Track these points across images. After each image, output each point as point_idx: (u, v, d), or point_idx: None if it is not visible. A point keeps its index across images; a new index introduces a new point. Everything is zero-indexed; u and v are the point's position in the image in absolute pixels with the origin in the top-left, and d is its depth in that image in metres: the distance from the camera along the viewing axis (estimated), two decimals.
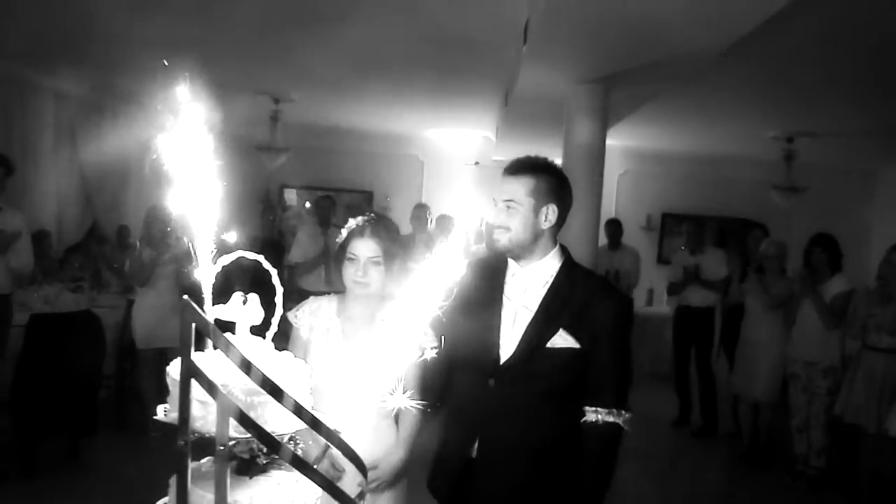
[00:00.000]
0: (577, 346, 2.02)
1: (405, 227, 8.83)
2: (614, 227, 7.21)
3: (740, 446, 5.65)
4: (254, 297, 1.36)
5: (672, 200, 9.83)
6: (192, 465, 1.35)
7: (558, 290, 2.08)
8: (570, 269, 2.13)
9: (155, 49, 5.67)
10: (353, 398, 2.07)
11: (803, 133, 7.25)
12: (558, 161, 8.71)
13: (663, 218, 9.96)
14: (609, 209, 8.65)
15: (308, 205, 9.55)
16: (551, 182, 2.12)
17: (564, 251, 2.17)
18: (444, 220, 6.90)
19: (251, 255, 1.32)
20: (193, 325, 1.14)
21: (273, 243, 6.50)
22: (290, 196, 9.87)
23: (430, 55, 5.43)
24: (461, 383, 2.18)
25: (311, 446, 1.47)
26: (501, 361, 2.06)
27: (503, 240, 2.08)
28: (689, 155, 9.17)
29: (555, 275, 2.11)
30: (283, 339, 2.03)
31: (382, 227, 2.17)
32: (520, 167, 2.11)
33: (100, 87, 7.69)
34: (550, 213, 2.11)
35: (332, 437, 1.25)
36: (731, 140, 8.12)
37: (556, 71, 5.12)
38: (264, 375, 1.13)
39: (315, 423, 1.21)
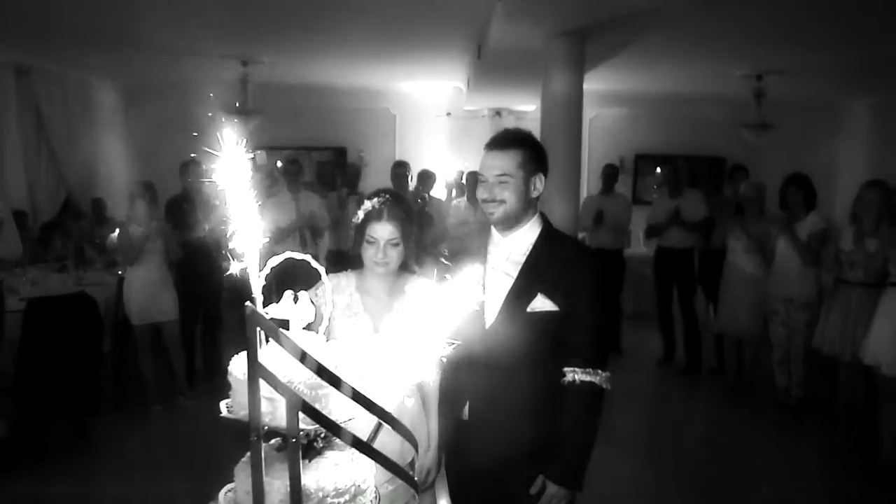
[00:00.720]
0: (555, 308, 2.12)
1: (382, 184, 8.91)
2: (611, 171, 7.24)
3: (724, 382, 5.90)
4: (304, 296, 1.43)
5: (644, 142, 9.95)
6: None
7: (537, 257, 2.18)
8: (548, 235, 2.22)
9: (117, 15, 5.57)
10: (380, 371, 2.18)
11: (772, 70, 7.34)
12: (536, 109, 8.77)
13: (636, 159, 10.09)
14: (581, 153, 8.72)
15: (280, 164, 9.49)
16: (536, 153, 2.20)
17: (543, 218, 2.26)
18: (425, 177, 6.91)
19: (299, 256, 1.38)
20: (259, 329, 1.22)
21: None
22: (261, 156, 9.75)
23: (398, 7, 5.37)
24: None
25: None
26: (486, 327, 2.16)
27: (498, 212, 2.15)
28: (660, 96, 9.22)
29: (534, 241, 2.20)
30: None
31: (398, 208, 2.22)
32: (507, 141, 2.17)
33: (62, 60, 7.49)
34: (538, 183, 2.19)
35: (385, 416, 1.34)
36: (701, 80, 8.18)
37: (531, 24, 5.13)
38: (327, 370, 1.21)
39: (370, 406, 1.30)
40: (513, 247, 2.20)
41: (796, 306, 5.02)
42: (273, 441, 1.44)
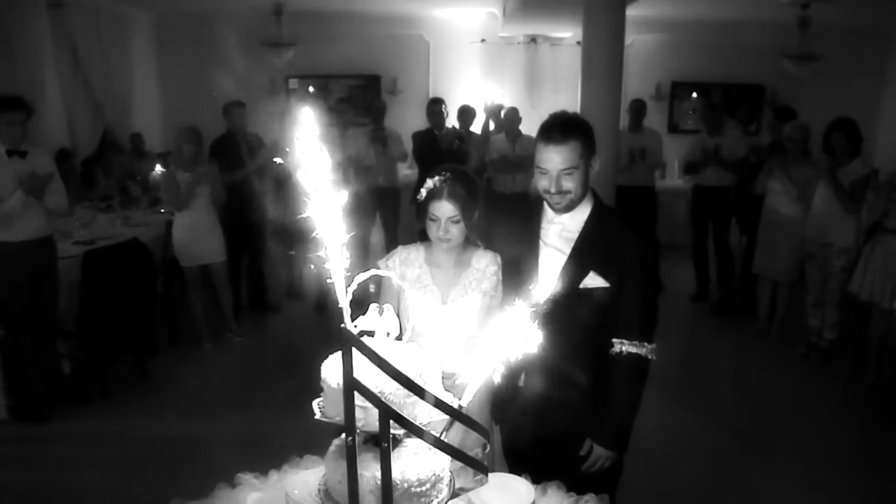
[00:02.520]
0: (607, 285, 2.21)
1: (416, 115, 8.87)
2: (639, 107, 7.11)
3: (756, 321, 5.98)
4: (389, 308, 1.53)
5: (681, 69, 9.70)
6: (337, 443, 1.58)
7: (589, 234, 2.24)
8: (600, 213, 2.28)
9: None
10: (449, 339, 2.31)
11: None
12: (573, 36, 8.57)
13: (673, 87, 9.88)
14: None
15: (311, 89, 9.47)
16: (590, 135, 2.23)
17: (594, 194, 2.31)
18: (464, 112, 6.87)
19: (384, 273, 1.47)
20: (353, 349, 1.33)
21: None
22: (296, 88, 9.69)
23: None
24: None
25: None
26: (541, 302, 2.25)
27: (564, 202, 2.21)
28: (700, 21, 8.94)
29: (586, 219, 2.26)
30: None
31: (459, 185, 2.27)
32: (565, 132, 2.17)
33: None
34: (595, 164, 2.24)
35: (460, 416, 1.46)
36: (742, 5, 7.93)
37: None
38: (415, 384, 1.32)
39: (448, 410, 1.42)
40: (566, 224, 2.27)
41: (834, 251, 5.04)
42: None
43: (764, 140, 6.31)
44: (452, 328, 2.36)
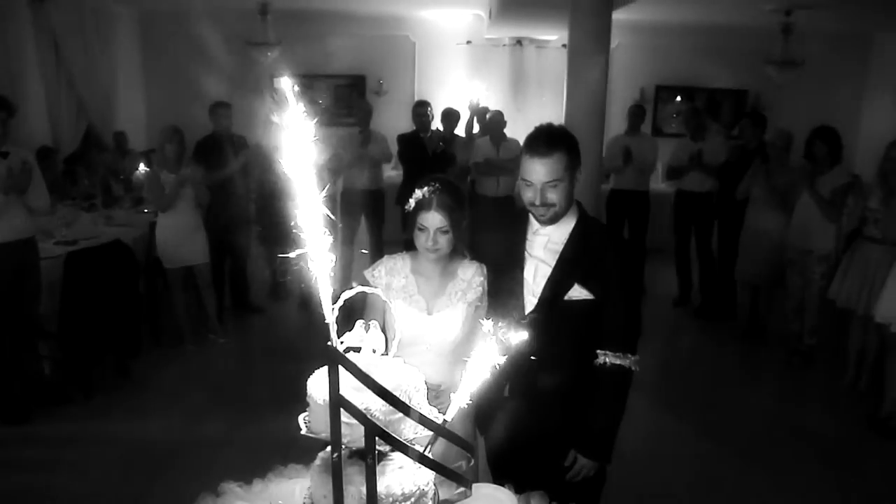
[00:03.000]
0: (591, 297, 2.23)
1: (401, 116, 8.86)
2: (639, 111, 7.17)
3: (737, 326, 6.04)
4: (374, 324, 1.54)
5: (665, 73, 9.79)
6: (322, 457, 1.59)
7: (574, 246, 2.27)
8: (585, 225, 2.31)
9: None
10: (435, 348, 2.32)
11: (801, 5, 7.16)
12: (558, 39, 8.59)
13: (657, 90, 9.96)
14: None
15: (296, 88, 9.40)
16: (575, 148, 2.25)
17: (579, 206, 2.33)
18: (448, 115, 6.88)
19: (369, 290, 1.48)
20: (340, 367, 1.34)
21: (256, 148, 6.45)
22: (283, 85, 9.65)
23: None
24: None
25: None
26: (525, 313, 2.28)
27: (548, 215, 2.23)
28: (683, 26, 9.03)
29: (570, 231, 2.28)
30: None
31: (448, 196, 2.28)
32: (551, 145, 2.18)
33: None
34: (579, 176, 2.27)
35: (444, 432, 1.47)
36: (727, 11, 8.01)
37: None
38: (401, 402, 1.33)
39: (433, 426, 1.43)
40: (551, 235, 2.29)
41: (814, 258, 5.11)
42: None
43: (742, 142, 6.35)
44: (438, 338, 2.38)
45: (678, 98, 9.97)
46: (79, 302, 4.43)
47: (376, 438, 1.34)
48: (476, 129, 7.62)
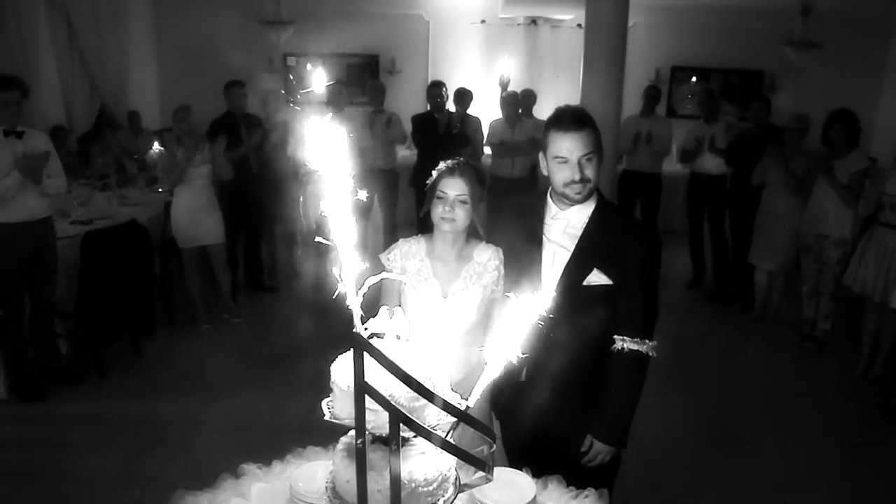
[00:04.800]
0: (610, 282, 2.22)
1: (415, 96, 8.81)
2: (654, 93, 7.11)
3: (752, 309, 6.01)
4: (398, 311, 1.54)
5: (681, 53, 9.66)
6: (345, 442, 1.60)
7: (594, 230, 2.25)
8: (604, 209, 2.29)
9: None
10: (450, 333, 2.32)
11: None
12: (573, 18, 8.53)
13: (672, 71, 9.85)
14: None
15: (309, 66, 9.36)
16: (598, 129, 2.24)
17: (598, 191, 2.31)
18: (462, 95, 6.82)
19: (394, 277, 1.48)
20: (365, 353, 1.34)
21: (280, 126, 6.45)
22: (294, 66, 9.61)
23: None
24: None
25: None
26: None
27: (584, 192, 2.21)
28: (700, 5, 8.90)
29: (590, 215, 2.27)
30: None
31: (471, 169, 2.30)
32: (582, 121, 2.18)
33: None
34: (602, 158, 2.25)
35: (466, 418, 1.47)
36: None
37: None
38: (425, 388, 1.33)
39: (457, 412, 1.43)
40: (570, 220, 2.28)
41: (830, 243, 5.06)
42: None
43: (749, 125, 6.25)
44: (453, 322, 2.38)
45: (693, 79, 9.86)
46: (95, 282, 4.46)
47: (400, 425, 1.35)
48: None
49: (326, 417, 1.50)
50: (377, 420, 1.40)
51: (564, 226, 2.28)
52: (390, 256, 2.41)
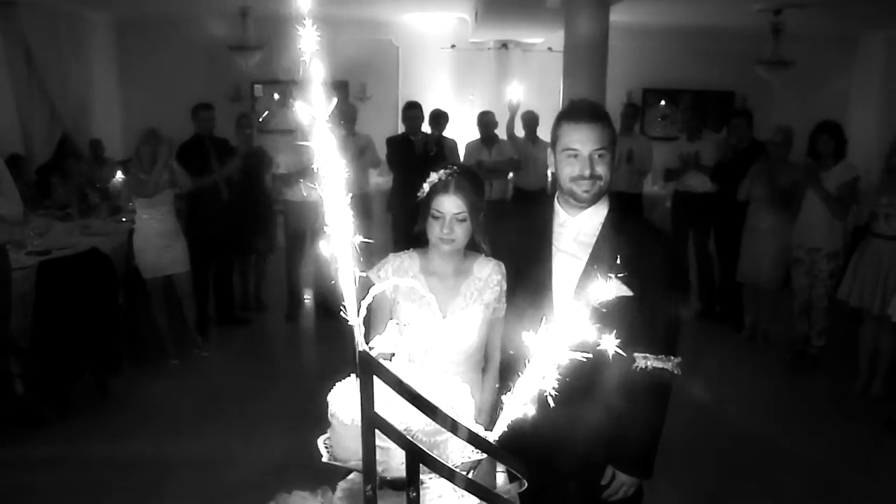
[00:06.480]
0: (629, 293, 2.01)
1: (387, 121, 8.66)
2: (631, 111, 7.05)
3: (742, 328, 5.88)
4: (409, 326, 1.32)
5: (653, 75, 9.69)
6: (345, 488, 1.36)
7: (608, 239, 2.05)
8: (617, 213, 2.11)
9: None
10: (447, 353, 2.09)
11: (791, 4, 7.07)
12: (544, 42, 8.48)
13: (644, 93, 9.85)
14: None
15: (276, 96, 9.17)
16: (613, 126, 2.08)
17: (610, 195, 2.13)
18: (438, 117, 6.65)
19: (397, 282, 1.27)
20: (374, 377, 1.11)
21: (256, 153, 6.23)
22: (262, 95, 9.40)
23: None
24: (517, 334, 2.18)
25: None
26: (554, 314, 2.05)
27: (594, 190, 2.01)
28: (672, 28, 8.94)
29: (603, 222, 2.07)
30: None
31: (466, 181, 2.07)
32: (596, 113, 2.02)
33: None
34: (616, 158, 2.07)
35: (496, 451, 1.25)
36: (715, 13, 7.92)
37: None
38: (448, 416, 1.11)
39: (487, 447, 1.21)
40: (581, 226, 2.08)
41: (822, 256, 4.96)
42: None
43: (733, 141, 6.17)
44: (452, 344, 2.15)
45: (662, 102, 9.89)
46: (53, 315, 4.14)
47: (420, 465, 1.12)
48: (518, 128, 7.35)
49: (325, 459, 1.27)
50: (390, 461, 1.17)
51: (576, 232, 2.08)
52: (381, 273, 2.17)
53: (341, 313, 1.12)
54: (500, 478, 1.83)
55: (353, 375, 1.33)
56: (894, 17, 8.04)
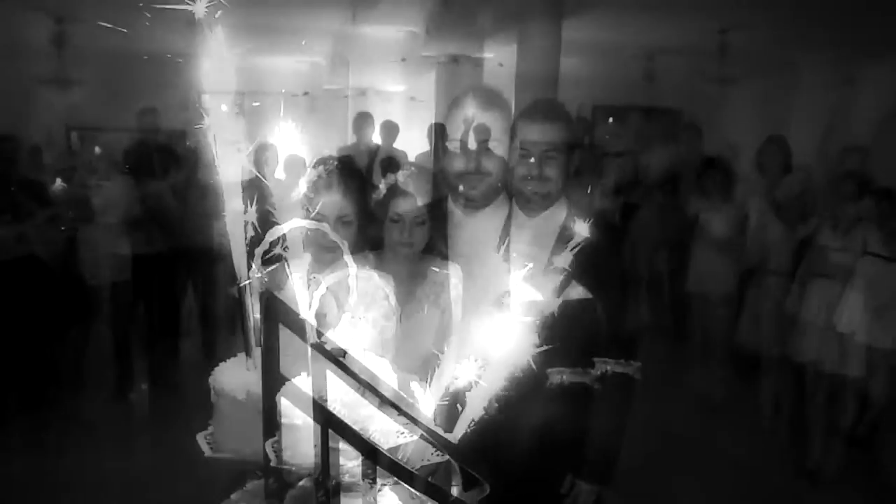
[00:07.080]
0: (589, 296, 1.96)
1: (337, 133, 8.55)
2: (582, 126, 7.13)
3: (692, 343, 5.87)
4: (364, 317, 1.24)
5: (602, 92, 9.80)
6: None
7: (567, 239, 2.01)
8: (575, 215, 2.06)
9: None
10: (410, 356, 2.01)
11: (736, 25, 7.24)
12: (494, 56, 8.51)
13: (594, 111, 9.95)
14: None
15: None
16: (573, 127, 2.06)
17: (568, 198, 2.10)
18: (389, 128, 6.55)
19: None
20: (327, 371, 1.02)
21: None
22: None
23: None
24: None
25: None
26: (513, 318, 2.00)
27: (543, 191, 1.96)
28: (621, 45, 9.06)
29: (562, 223, 2.03)
30: None
31: (424, 182, 2.01)
32: (553, 112, 1.99)
33: None
34: (576, 160, 2.03)
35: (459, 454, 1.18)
36: (663, 32, 8.06)
37: None
38: (410, 415, 1.03)
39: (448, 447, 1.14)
40: (539, 229, 2.03)
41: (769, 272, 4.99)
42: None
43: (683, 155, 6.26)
44: (406, 350, 2.06)
45: (610, 119, 10.02)
46: None
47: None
48: (471, 141, 7.26)
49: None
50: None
51: (532, 237, 2.02)
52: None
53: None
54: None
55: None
56: (836, 40, 8.32)
